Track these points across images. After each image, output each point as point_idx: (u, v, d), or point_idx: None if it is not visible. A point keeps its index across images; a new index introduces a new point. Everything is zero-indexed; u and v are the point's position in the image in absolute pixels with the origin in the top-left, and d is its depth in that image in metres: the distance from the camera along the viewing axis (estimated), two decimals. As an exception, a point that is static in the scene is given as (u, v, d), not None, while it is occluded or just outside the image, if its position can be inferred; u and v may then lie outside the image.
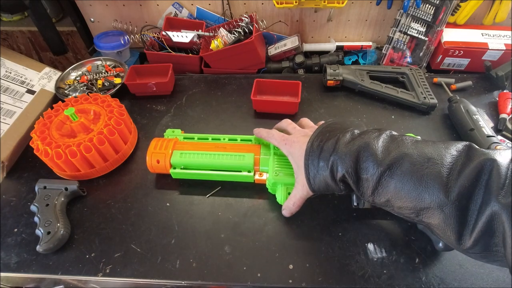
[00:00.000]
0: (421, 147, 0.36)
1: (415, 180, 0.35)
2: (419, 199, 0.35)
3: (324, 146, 0.41)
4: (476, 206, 0.32)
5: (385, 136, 0.39)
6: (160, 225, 0.51)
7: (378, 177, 0.37)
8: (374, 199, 0.39)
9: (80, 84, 0.73)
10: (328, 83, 0.71)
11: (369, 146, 0.38)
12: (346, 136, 0.41)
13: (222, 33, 0.76)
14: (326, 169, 0.41)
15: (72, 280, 0.48)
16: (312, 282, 0.44)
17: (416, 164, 0.35)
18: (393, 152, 0.37)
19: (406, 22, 0.75)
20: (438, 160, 0.34)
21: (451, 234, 0.34)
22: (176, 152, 0.54)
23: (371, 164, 0.37)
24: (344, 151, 0.39)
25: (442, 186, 0.33)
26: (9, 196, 0.56)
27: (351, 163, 0.38)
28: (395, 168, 0.36)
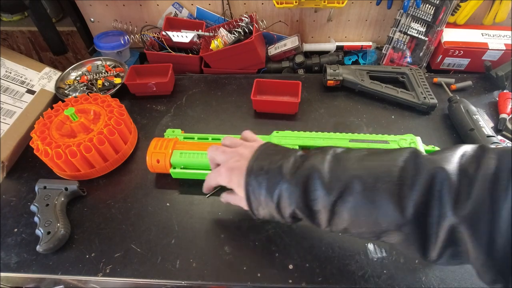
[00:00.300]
0: (367, 165, 0.34)
1: (368, 205, 0.32)
2: (376, 224, 0.33)
3: (266, 176, 0.37)
4: (434, 219, 0.30)
5: (330, 158, 0.36)
6: (160, 225, 0.51)
7: (331, 207, 0.34)
8: (332, 229, 0.36)
9: (80, 84, 0.73)
10: (328, 83, 0.71)
11: (316, 173, 0.35)
12: (288, 163, 0.37)
13: (222, 33, 0.76)
14: (272, 203, 0.37)
15: (72, 280, 0.48)
16: (312, 282, 0.44)
17: (366, 187, 0.32)
18: (341, 176, 0.34)
19: (406, 22, 0.75)
20: (386, 178, 0.32)
21: (415, 250, 0.33)
22: (176, 152, 0.54)
23: (321, 194, 0.34)
24: (290, 183, 0.35)
25: (396, 205, 0.31)
26: (9, 196, 0.56)
27: (299, 197, 0.35)
28: (346, 195, 0.33)
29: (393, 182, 0.32)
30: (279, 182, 0.36)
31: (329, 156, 0.36)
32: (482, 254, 0.28)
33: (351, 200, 0.33)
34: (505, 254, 0.27)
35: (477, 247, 0.28)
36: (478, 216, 0.28)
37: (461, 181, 0.30)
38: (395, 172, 0.32)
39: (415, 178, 0.31)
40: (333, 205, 0.34)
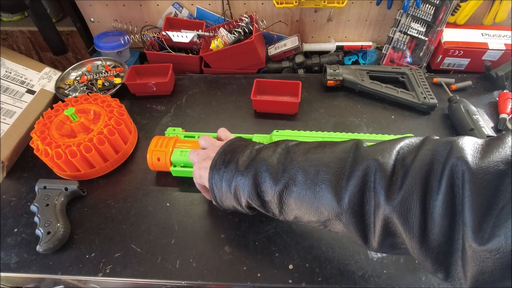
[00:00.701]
0: (311, 157, 0.36)
1: (310, 195, 0.34)
2: (318, 213, 0.35)
3: (225, 169, 0.40)
4: (370, 210, 0.31)
5: (280, 150, 0.38)
6: (160, 225, 0.51)
7: (279, 197, 0.36)
8: (285, 217, 0.39)
9: (80, 84, 0.73)
10: (328, 83, 0.71)
11: (265, 166, 0.37)
12: (243, 156, 0.40)
13: (222, 33, 0.76)
14: (230, 194, 0.40)
15: (72, 280, 0.48)
16: (312, 282, 0.44)
17: (308, 178, 0.34)
18: (288, 167, 0.36)
19: (406, 22, 0.75)
20: (326, 169, 0.34)
21: (357, 239, 0.34)
22: (176, 150, 0.54)
23: (269, 185, 0.37)
24: (243, 175, 0.38)
25: (334, 195, 0.33)
26: (9, 196, 0.56)
27: (251, 188, 0.38)
28: (291, 186, 0.35)
29: (332, 173, 0.33)
30: (234, 175, 0.39)
31: (280, 148, 0.39)
32: (416, 243, 0.29)
33: (295, 190, 0.35)
34: (439, 243, 0.28)
35: (409, 236, 0.29)
36: (408, 205, 0.29)
37: (396, 172, 0.31)
38: (335, 163, 0.34)
39: (352, 169, 0.32)
40: (280, 195, 0.36)
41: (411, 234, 0.29)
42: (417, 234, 0.28)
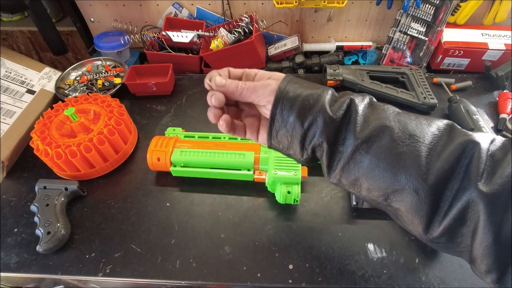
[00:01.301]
0: (404, 121, 0.32)
1: (392, 158, 0.31)
2: (393, 180, 0.31)
3: (303, 96, 0.33)
4: (452, 192, 0.29)
5: (366, 102, 0.34)
6: (160, 225, 0.51)
7: (353, 150, 0.32)
8: (342, 177, 0.34)
9: (80, 84, 0.73)
10: (328, 83, 0.71)
11: (355, 110, 0.33)
12: (328, 92, 0.34)
13: (222, 33, 0.76)
14: (300, 128, 0.33)
15: (72, 280, 0.48)
16: (312, 282, 0.44)
17: (396, 140, 0.31)
18: (373, 123, 0.32)
19: (406, 22, 0.75)
20: (420, 138, 0.31)
21: (420, 221, 0.31)
22: (176, 150, 0.54)
23: (350, 133, 0.32)
24: (330, 113, 0.32)
25: (421, 167, 0.30)
26: (9, 196, 0.56)
27: (333, 130, 0.32)
28: (373, 142, 0.31)
29: (424, 144, 0.30)
30: (314, 110, 0.33)
31: (366, 100, 0.35)
32: (490, 236, 0.27)
33: (376, 148, 0.31)
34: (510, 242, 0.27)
35: (488, 228, 0.27)
36: (500, 197, 0.27)
37: (489, 161, 0.28)
38: (428, 135, 0.31)
39: (446, 146, 0.30)
40: (356, 150, 0.32)
41: (491, 225, 0.27)
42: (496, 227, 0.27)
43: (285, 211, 0.52)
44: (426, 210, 0.30)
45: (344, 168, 0.33)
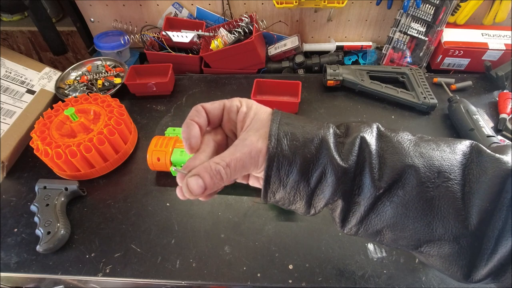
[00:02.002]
0: (427, 154, 0.26)
1: (423, 205, 0.25)
2: (427, 230, 0.26)
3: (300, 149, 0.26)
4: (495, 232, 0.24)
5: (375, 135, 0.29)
6: (160, 225, 0.51)
7: (373, 202, 0.26)
8: (359, 229, 0.28)
9: (80, 84, 0.73)
10: (328, 83, 0.71)
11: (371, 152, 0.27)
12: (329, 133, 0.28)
13: (222, 33, 0.76)
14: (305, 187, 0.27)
15: (72, 280, 0.48)
16: (312, 282, 0.44)
17: (424, 182, 0.25)
18: (391, 163, 0.26)
19: (406, 22, 0.75)
20: (451, 174, 0.25)
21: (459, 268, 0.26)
22: (176, 150, 0.54)
23: (367, 183, 0.26)
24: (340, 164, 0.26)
25: (459, 211, 0.25)
26: (9, 196, 0.56)
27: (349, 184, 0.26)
28: (396, 189, 0.26)
29: (457, 181, 0.25)
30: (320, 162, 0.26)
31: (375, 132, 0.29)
32: None
33: (401, 195, 0.26)
34: None
35: None
36: None
37: None
38: (457, 167, 0.26)
39: (480, 180, 0.25)
40: (377, 200, 0.26)
41: None
42: None
43: (285, 211, 0.52)
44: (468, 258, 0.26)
45: (363, 221, 0.28)
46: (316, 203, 0.28)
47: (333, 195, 0.27)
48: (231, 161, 0.26)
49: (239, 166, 0.26)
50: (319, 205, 0.28)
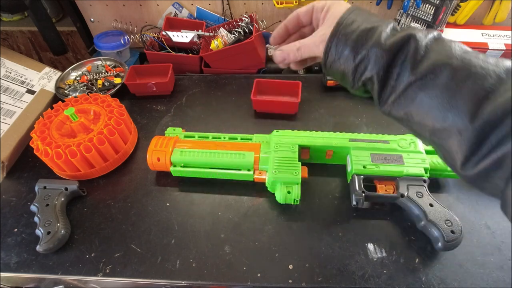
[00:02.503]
0: (469, 59, 0.30)
1: (446, 97, 0.30)
2: (441, 119, 0.31)
3: (361, 29, 0.34)
4: (497, 136, 0.28)
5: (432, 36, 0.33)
6: (160, 225, 0.51)
7: (406, 86, 0.32)
8: (392, 110, 0.34)
9: (80, 84, 0.73)
10: (328, 83, 0.71)
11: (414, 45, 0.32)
12: (387, 26, 0.34)
13: (222, 33, 0.76)
14: (352, 62, 0.34)
15: (72, 280, 0.48)
16: (312, 282, 0.44)
17: (454, 79, 0.30)
18: (433, 58, 0.31)
19: (406, 22, 0.75)
20: (480, 79, 0.29)
21: (455, 158, 0.31)
22: (176, 150, 0.54)
23: (406, 69, 0.32)
24: (383, 47, 0.32)
25: (471, 110, 0.29)
26: (9, 196, 0.56)
27: (385, 64, 0.33)
28: (429, 80, 0.31)
29: (484, 87, 0.29)
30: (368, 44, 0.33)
31: (432, 34, 0.33)
32: None
33: (431, 86, 0.31)
34: None
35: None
36: None
37: None
38: (493, 78, 0.29)
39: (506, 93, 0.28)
40: (409, 85, 0.32)
41: None
42: None
43: (285, 211, 0.52)
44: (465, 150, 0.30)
45: (395, 102, 0.33)
46: (357, 78, 0.35)
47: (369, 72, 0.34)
48: (301, 46, 0.39)
49: (307, 50, 0.38)
50: (359, 81, 0.35)
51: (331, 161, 0.57)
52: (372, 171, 0.50)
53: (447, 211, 0.46)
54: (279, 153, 0.52)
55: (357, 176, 0.50)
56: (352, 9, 0.36)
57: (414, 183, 0.49)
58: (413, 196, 0.48)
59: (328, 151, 0.55)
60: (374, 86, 0.34)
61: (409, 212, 0.49)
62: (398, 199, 0.49)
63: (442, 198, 0.53)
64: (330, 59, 0.36)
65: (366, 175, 0.50)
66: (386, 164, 0.51)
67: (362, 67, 0.34)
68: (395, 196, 0.49)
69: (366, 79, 0.35)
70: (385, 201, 0.51)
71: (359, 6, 0.37)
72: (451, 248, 0.44)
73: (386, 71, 0.33)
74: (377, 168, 0.50)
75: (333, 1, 0.38)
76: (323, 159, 0.57)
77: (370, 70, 0.34)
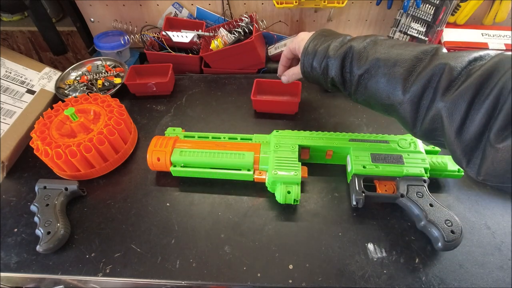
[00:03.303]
0: (393, 51, 0.42)
1: (384, 82, 0.42)
2: (386, 98, 0.42)
3: (318, 50, 0.49)
4: (425, 103, 0.38)
5: (369, 41, 0.45)
6: (160, 225, 0.51)
7: (358, 79, 0.45)
8: (357, 98, 0.47)
9: (80, 84, 0.73)
10: (328, 83, 0.71)
11: (352, 51, 0.45)
12: (337, 41, 0.48)
13: (222, 33, 0.76)
14: (319, 70, 0.49)
15: (72, 280, 0.48)
16: (312, 282, 0.44)
17: (386, 68, 0.41)
18: (371, 56, 0.43)
19: (406, 22, 0.75)
20: (402, 64, 0.40)
21: (407, 124, 0.42)
22: (176, 150, 0.54)
23: (353, 68, 0.45)
24: (333, 57, 0.47)
25: (402, 86, 0.40)
26: (9, 196, 0.56)
27: (338, 69, 0.47)
28: (371, 71, 0.43)
29: (407, 68, 0.40)
30: (325, 57, 0.48)
31: (369, 39, 0.46)
32: (453, 134, 0.36)
33: (373, 75, 0.43)
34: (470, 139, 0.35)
35: (449, 128, 0.36)
36: (457, 104, 0.35)
37: (460, 77, 0.36)
38: (412, 61, 0.40)
39: (424, 68, 0.39)
40: (359, 78, 0.45)
41: (451, 127, 0.36)
42: (456, 128, 0.35)
43: (285, 211, 0.52)
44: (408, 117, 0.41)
45: (356, 92, 0.47)
46: (326, 80, 0.50)
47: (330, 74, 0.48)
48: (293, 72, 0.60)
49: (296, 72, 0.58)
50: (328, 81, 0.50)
51: (331, 161, 0.57)
52: (372, 171, 0.50)
53: (447, 211, 0.46)
54: (279, 153, 0.52)
55: (357, 176, 0.50)
56: (311, 38, 0.51)
57: (414, 183, 0.49)
58: (413, 196, 0.48)
59: (328, 151, 0.55)
60: (338, 84, 0.49)
61: (409, 212, 0.49)
62: (398, 199, 0.49)
63: (442, 198, 0.53)
64: (306, 73, 0.53)
65: (366, 175, 0.50)
66: (386, 164, 0.51)
67: (326, 72, 0.49)
68: (395, 196, 0.49)
69: (331, 80, 0.49)
70: (385, 201, 0.51)
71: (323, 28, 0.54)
72: (451, 248, 0.44)
73: (341, 72, 0.47)
74: (377, 168, 0.50)
75: (298, 40, 0.54)
76: (323, 159, 0.57)
77: (331, 73, 0.48)
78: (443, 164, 0.52)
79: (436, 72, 0.37)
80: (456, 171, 0.52)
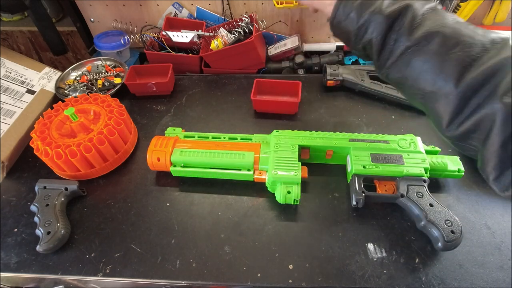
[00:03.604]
0: (459, 29, 0.34)
1: (437, 63, 0.34)
2: (431, 83, 0.35)
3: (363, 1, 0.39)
4: (476, 101, 0.32)
5: (429, 8, 0.37)
6: (160, 225, 0.51)
7: (403, 51, 0.36)
8: (389, 73, 0.38)
9: (80, 84, 0.73)
10: (328, 83, 0.71)
11: (411, 13, 0.36)
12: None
13: (222, 33, 0.76)
14: (355, 24, 0.39)
15: (72, 280, 0.48)
16: (312, 282, 0.44)
17: (444, 46, 0.34)
18: (427, 27, 0.35)
19: (406, 22, 0.75)
20: (466, 48, 0.33)
21: (442, 120, 0.35)
22: (176, 150, 0.54)
23: (402, 35, 0.36)
24: (382, 13, 0.37)
25: (458, 75, 0.33)
26: (9, 196, 0.56)
27: (383, 30, 0.37)
28: (423, 46, 0.35)
29: (470, 55, 0.33)
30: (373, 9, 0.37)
31: (429, 6, 0.37)
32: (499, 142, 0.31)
33: (424, 52, 0.35)
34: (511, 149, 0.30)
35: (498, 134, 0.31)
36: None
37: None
38: (478, 47, 0.33)
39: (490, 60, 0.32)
40: (405, 50, 0.36)
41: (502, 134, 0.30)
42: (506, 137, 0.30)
43: (285, 211, 0.52)
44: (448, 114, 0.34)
45: (392, 66, 0.38)
46: (358, 39, 0.40)
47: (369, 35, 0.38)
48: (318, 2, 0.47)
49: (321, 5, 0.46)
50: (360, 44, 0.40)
51: (331, 161, 0.57)
52: (372, 171, 0.50)
53: (447, 211, 0.46)
54: (279, 153, 0.52)
55: (357, 176, 0.50)
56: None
57: (414, 183, 0.49)
58: (413, 196, 0.48)
59: (328, 151, 0.55)
60: (373, 50, 0.39)
61: (409, 212, 0.49)
62: (398, 199, 0.49)
63: (442, 198, 0.53)
64: (337, 19, 0.41)
65: (366, 175, 0.50)
66: (386, 164, 0.51)
67: (363, 29, 0.38)
68: (395, 196, 0.49)
69: (366, 41, 0.39)
70: (385, 201, 0.51)
71: None
72: (451, 248, 0.44)
73: (384, 36, 0.37)
74: (377, 168, 0.50)
75: None
76: (323, 159, 0.57)
77: (370, 34, 0.38)
78: (443, 164, 0.52)
79: (500, 70, 0.31)
80: (456, 171, 0.52)
